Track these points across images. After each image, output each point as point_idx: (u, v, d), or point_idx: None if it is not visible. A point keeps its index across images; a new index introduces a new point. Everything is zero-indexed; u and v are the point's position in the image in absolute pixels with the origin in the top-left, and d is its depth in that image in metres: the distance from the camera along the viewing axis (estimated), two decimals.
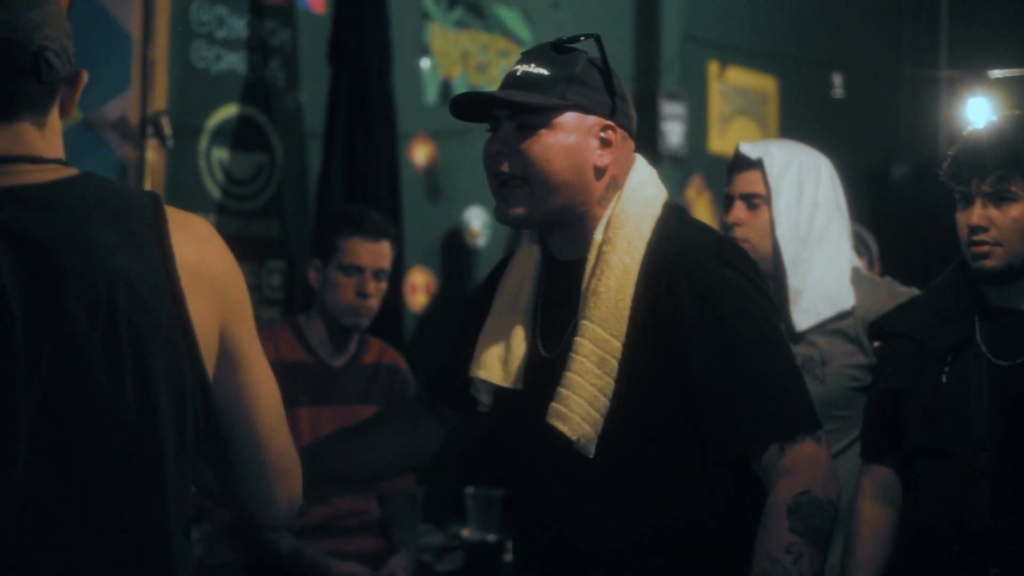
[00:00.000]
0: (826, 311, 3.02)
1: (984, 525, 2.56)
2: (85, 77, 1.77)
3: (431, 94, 5.50)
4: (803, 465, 2.08)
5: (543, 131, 2.18)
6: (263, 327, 4.33)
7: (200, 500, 3.53)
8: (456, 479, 4.65)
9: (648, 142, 6.20)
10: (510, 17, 5.86)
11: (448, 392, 2.49)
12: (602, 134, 2.22)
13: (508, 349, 2.29)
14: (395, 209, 4.80)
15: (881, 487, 2.75)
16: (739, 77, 7.04)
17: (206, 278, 1.69)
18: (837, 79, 5.66)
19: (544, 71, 2.20)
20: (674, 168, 6.36)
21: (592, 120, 2.21)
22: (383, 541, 3.71)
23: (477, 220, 5.58)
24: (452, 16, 5.60)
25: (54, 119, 1.72)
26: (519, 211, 2.21)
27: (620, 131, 2.25)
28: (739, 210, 3.08)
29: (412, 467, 2.78)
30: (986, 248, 2.61)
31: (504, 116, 2.21)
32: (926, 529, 2.66)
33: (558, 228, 2.26)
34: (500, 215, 2.25)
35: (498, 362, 2.30)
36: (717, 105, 6.92)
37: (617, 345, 2.14)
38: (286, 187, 4.92)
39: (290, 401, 3.55)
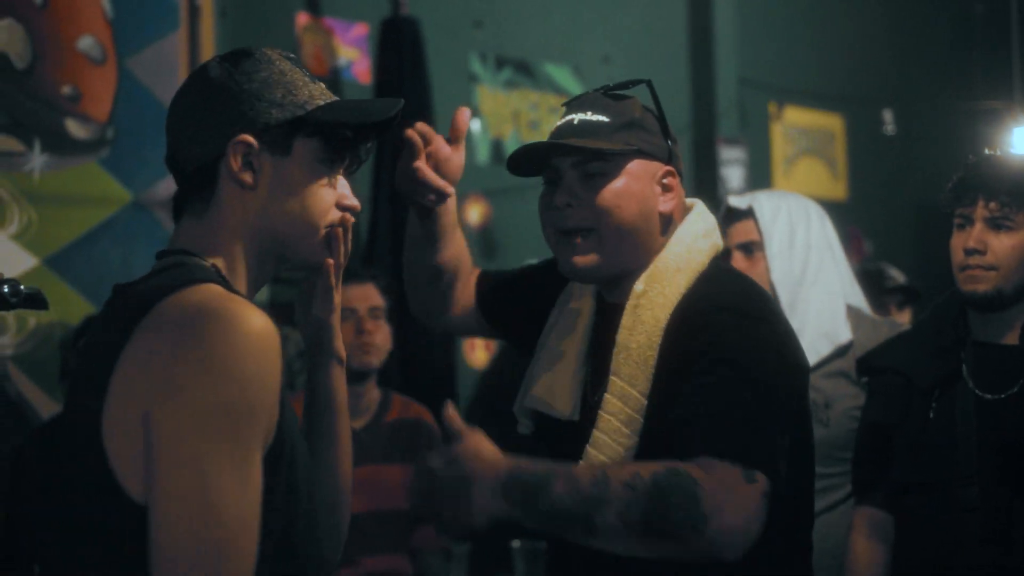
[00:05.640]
0: (824, 348, 3.06)
1: (973, 559, 2.57)
2: (242, 142, 1.66)
3: (483, 154, 5.61)
4: (717, 480, 1.88)
5: (610, 178, 2.12)
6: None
7: None
8: (502, 532, 4.70)
9: (708, 188, 6.24)
10: (560, 74, 5.96)
11: (485, 298, 2.45)
12: (664, 180, 2.17)
13: (566, 381, 2.22)
14: None
15: (873, 523, 2.77)
16: (802, 117, 7.05)
17: (139, 365, 1.49)
18: (888, 116, 5.65)
19: (603, 117, 2.14)
20: None
21: (655, 165, 2.16)
22: None
23: None
24: (500, 77, 5.71)
25: (218, 201, 1.67)
26: (591, 260, 2.13)
27: (677, 176, 2.20)
28: (739, 260, 3.14)
29: None
30: (979, 272, 2.63)
31: (567, 166, 2.14)
32: (917, 563, 2.68)
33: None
34: (567, 267, 2.16)
35: (556, 392, 2.23)
36: (780, 147, 6.93)
37: (643, 402, 2.07)
38: None
39: None
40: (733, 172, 6.41)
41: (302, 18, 5.02)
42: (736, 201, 3.19)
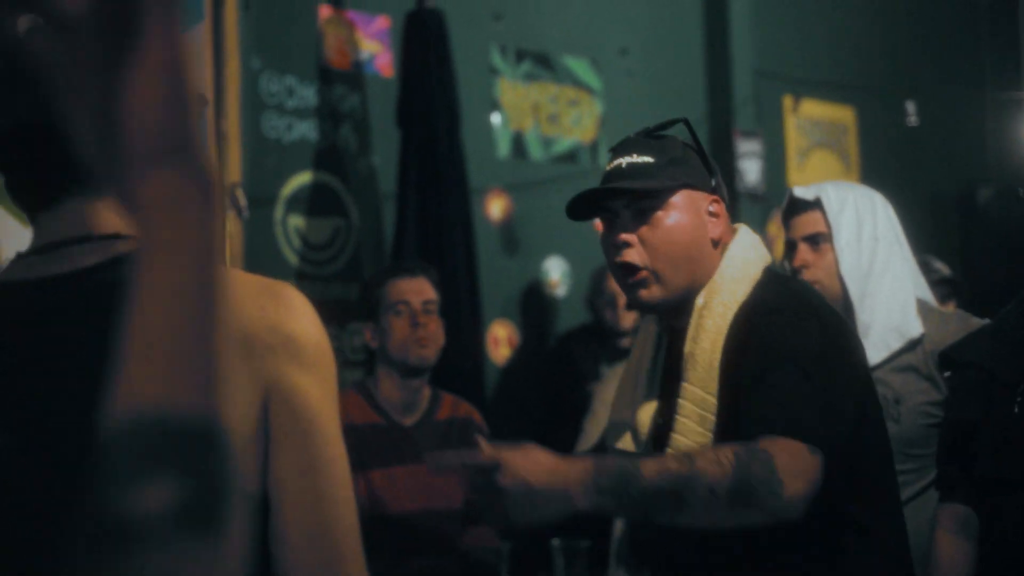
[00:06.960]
0: (895, 342, 3.00)
1: None
2: None
3: (503, 148, 5.54)
4: (786, 452, 2.06)
5: (661, 213, 2.31)
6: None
7: None
8: (542, 530, 4.63)
9: (725, 181, 6.17)
10: (579, 66, 5.89)
11: None
12: (710, 207, 2.35)
13: (635, 417, 2.41)
14: (470, 263, 4.84)
15: (958, 520, 2.71)
16: (815, 110, 7.01)
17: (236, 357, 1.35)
18: (911, 107, 5.60)
19: (648, 159, 2.33)
20: (753, 205, 6.33)
21: (700, 196, 2.34)
22: None
23: (556, 270, 5.59)
24: (520, 70, 5.64)
25: None
26: (654, 293, 2.33)
27: (722, 203, 2.38)
28: (804, 252, 3.07)
29: None
30: None
31: (621, 206, 2.33)
32: (1002, 560, 2.62)
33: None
34: (634, 301, 2.37)
35: (628, 431, 2.43)
36: (794, 139, 6.88)
37: (713, 402, 2.25)
38: (363, 249, 4.98)
39: (363, 464, 3.61)
40: (750, 165, 6.36)
41: (324, 11, 4.94)
42: (802, 192, 3.12)
